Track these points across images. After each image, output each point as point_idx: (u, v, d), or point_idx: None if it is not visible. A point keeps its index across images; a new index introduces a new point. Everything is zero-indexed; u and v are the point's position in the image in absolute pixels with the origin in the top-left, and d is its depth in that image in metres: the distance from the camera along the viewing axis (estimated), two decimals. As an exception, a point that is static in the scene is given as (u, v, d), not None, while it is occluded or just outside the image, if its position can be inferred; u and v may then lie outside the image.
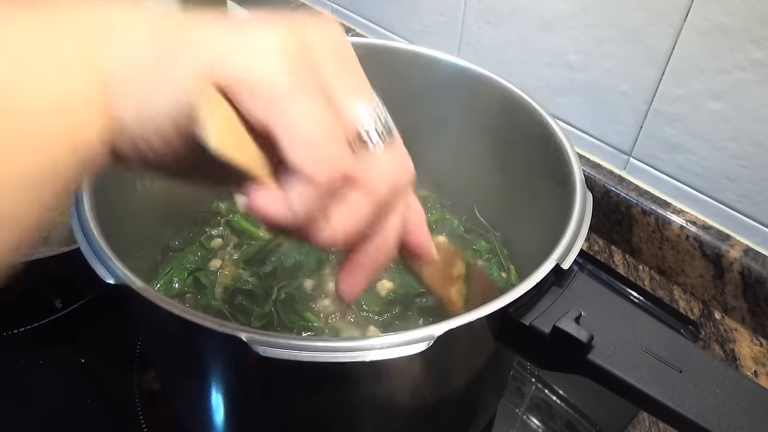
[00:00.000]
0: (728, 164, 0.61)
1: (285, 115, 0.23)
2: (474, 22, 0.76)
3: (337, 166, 0.24)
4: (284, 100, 0.23)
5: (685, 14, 0.57)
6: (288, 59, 0.23)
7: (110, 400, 0.55)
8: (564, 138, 0.46)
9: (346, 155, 0.24)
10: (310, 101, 0.23)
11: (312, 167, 0.23)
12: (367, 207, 0.26)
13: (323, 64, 0.25)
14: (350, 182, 0.25)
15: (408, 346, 0.31)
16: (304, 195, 0.24)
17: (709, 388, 0.32)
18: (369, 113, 0.26)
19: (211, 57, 0.23)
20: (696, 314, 0.64)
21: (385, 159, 0.26)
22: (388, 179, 0.26)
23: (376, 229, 0.27)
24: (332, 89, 0.25)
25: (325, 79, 0.24)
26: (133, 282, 0.34)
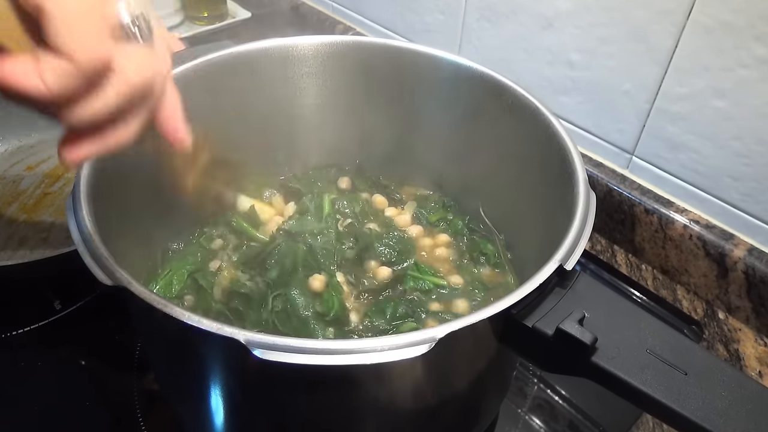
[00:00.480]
0: (732, 163, 0.60)
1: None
2: (475, 20, 0.76)
3: (97, 50, 0.26)
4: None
5: (688, 12, 0.57)
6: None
7: (109, 401, 0.55)
8: (567, 137, 0.45)
9: (107, 42, 0.27)
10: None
11: (73, 45, 0.25)
12: (115, 94, 0.28)
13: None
14: (106, 69, 0.27)
15: (409, 348, 0.31)
16: (60, 71, 0.25)
17: (715, 391, 0.31)
18: (132, 9, 0.28)
19: None
20: (699, 314, 0.64)
21: (141, 52, 0.29)
22: (140, 71, 0.29)
23: (123, 116, 0.30)
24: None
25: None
26: (131, 284, 0.33)
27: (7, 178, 0.73)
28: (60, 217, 0.68)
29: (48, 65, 0.25)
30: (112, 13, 0.27)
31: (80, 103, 0.27)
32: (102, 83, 0.27)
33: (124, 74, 0.28)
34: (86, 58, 0.25)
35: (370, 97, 0.59)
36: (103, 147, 0.31)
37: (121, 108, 0.29)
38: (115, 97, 0.28)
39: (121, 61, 0.28)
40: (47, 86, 0.25)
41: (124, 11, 0.28)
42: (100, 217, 0.38)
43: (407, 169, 0.64)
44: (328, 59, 0.57)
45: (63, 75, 0.25)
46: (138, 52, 0.29)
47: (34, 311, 0.61)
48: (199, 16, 1.03)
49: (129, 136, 0.32)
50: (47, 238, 0.65)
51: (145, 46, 0.29)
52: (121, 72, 0.28)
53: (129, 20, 0.28)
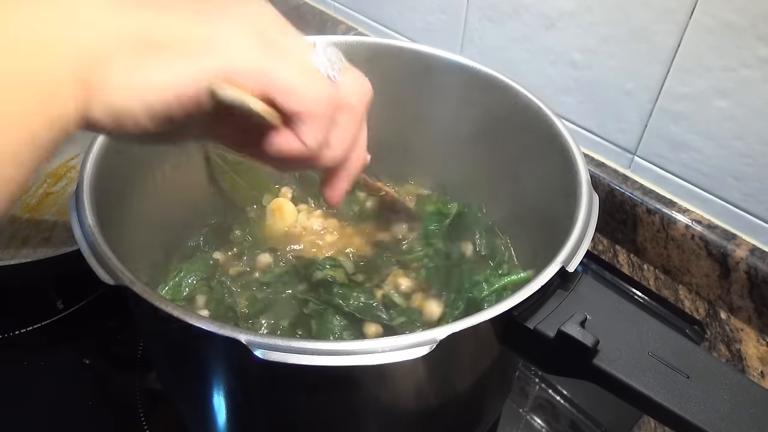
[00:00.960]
0: (734, 163, 0.60)
1: (272, 79, 0.29)
2: (477, 20, 0.76)
3: (323, 96, 0.31)
4: (267, 70, 0.29)
5: (690, 11, 0.57)
6: (257, 41, 0.30)
7: (112, 401, 0.55)
8: (570, 138, 0.45)
9: (327, 85, 0.31)
10: (284, 60, 0.30)
11: (307, 105, 0.30)
12: (353, 125, 0.33)
13: (274, 35, 0.31)
14: (337, 109, 0.32)
15: (410, 349, 0.31)
16: (310, 129, 0.30)
17: (718, 394, 0.31)
18: (322, 54, 0.32)
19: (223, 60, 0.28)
20: (702, 314, 0.64)
21: (349, 82, 0.33)
22: (359, 97, 0.33)
23: (355, 143, 0.35)
24: (288, 49, 0.31)
25: (280, 43, 0.31)
26: (134, 283, 0.33)
27: (10, 178, 0.73)
28: (62, 216, 0.68)
29: (300, 129, 0.30)
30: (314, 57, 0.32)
31: (332, 145, 0.32)
32: (339, 122, 0.32)
33: (350, 105, 0.33)
34: (320, 106, 0.30)
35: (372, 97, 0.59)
36: (351, 177, 0.36)
37: (356, 137, 0.34)
38: (354, 127, 0.33)
39: (343, 95, 0.32)
40: (308, 145, 0.31)
41: (319, 56, 0.32)
42: (102, 216, 0.38)
43: (409, 169, 0.64)
44: (330, 59, 0.57)
45: (313, 129, 0.30)
46: (348, 81, 0.33)
47: (36, 311, 0.61)
48: (201, 15, 1.03)
49: (363, 161, 0.36)
50: (50, 238, 0.65)
51: (345, 73, 0.33)
52: (347, 104, 0.32)
53: (325, 60, 0.32)
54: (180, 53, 0.28)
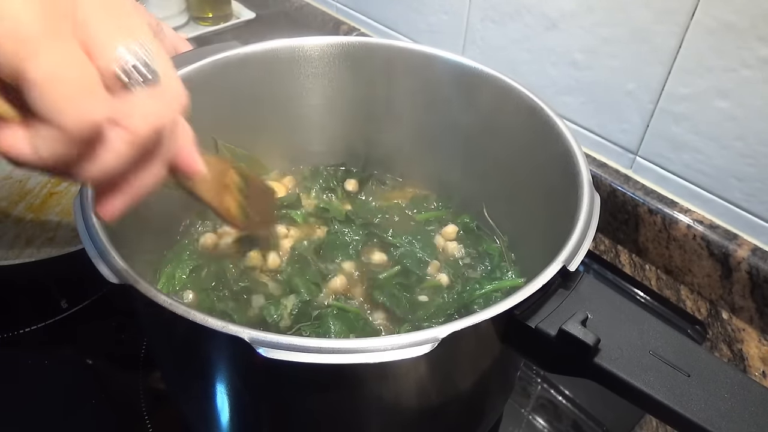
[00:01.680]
0: (736, 163, 0.60)
1: (34, 62, 0.22)
2: (479, 21, 0.76)
3: (88, 118, 0.23)
4: (32, 46, 0.22)
5: (691, 12, 0.57)
6: (41, 4, 0.22)
7: (115, 400, 0.55)
8: (572, 138, 0.45)
9: (100, 105, 0.24)
10: (63, 50, 0.23)
11: (62, 120, 0.23)
12: (127, 148, 0.26)
13: (84, 3, 0.24)
14: (110, 124, 0.25)
15: (412, 348, 0.31)
16: (51, 141, 0.23)
17: (718, 393, 0.31)
18: (130, 52, 0.25)
19: None
20: (703, 314, 0.64)
21: (144, 99, 0.26)
22: (148, 120, 0.26)
23: (140, 164, 0.28)
24: (91, 30, 0.24)
25: (85, 20, 0.24)
26: (137, 282, 0.34)
27: (14, 178, 0.74)
28: (66, 216, 0.69)
29: (38, 134, 0.23)
30: (108, 62, 0.25)
31: (88, 161, 0.25)
32: (106, 140, 0.25)
33: (131, 126, 0.26)
34: (77, 124, 0.23)
35: (374, 97, 0.59)
36: (132, 196, 0.29)
37: (136, 158, 0.27)
38: (125, 150, 0.26)
39: (126, 113, 0.25)
40: (40, 155, 0.24)
41: (125, 54, 0.25)
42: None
43: (411, 169, 0.64)
44: (333, 60, 0.57)
45: (54, 143, 0.23)
46: (142, 99, 0.26)
47: (40, 310, 0.61)
48: (203, 16, 1.03)
49: (155, 180, 0.30)
50: (54, 238, 0.66)
51: (150, 88, 0.26)
52: (126, 124, 0.26)
53: (130, 63, 0.25)
54: None
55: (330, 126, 0.62)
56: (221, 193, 0.42)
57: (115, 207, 0.29)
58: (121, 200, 0.29)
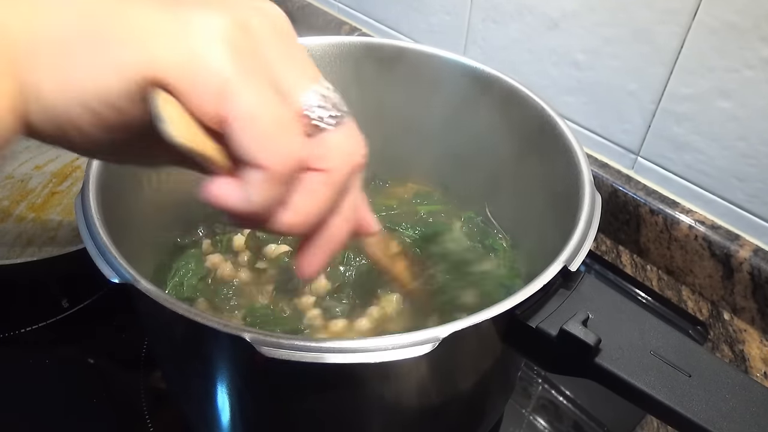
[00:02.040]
0: (738, 163, 0.60)
1: (232, 104, 0.22)
2: (480, 21, 0.76)
3: (291, 154, 0.23)
4: (231, 91, 0.22)
5: (693, 12, 0.57)
6: (230, 47, 0.22)
7: (116, 400, 0.55)
8: (573, 139, 0.45)
9: (300, 141, 0.24)
10: (258, 89, 0.23)
11: (266, 157, 0.23)
12: (326, 190, 0.26)
13: (266, 48, 0.24)
14: (307, 166, 0.25)
15: (412, 347, 0.31)
16: (260, 184, 0.23)
17: (719, 393, 0.31)
18: (318, 95, 0.25)
19: (149, 53, 0.22)
20: (705, 315, 0.64)
21: (339, 139, 0.26)
22: (344, 159, 0.26)
23: (335, 210, 0.27)
24: (278, 73, 0.24)
25: (270, 62, 0.24)
26: (138, 281, 0.34)
27: (16, 177, 0.74)
28: (68, 216, 0.69)
29: (245, 180, 0.23)
30: (299, 104, 0.25)
31: (291, 207, 0.25)
32: (306, 182, 0.25)
33: (328, 166, 0.25)
34: (280, 163, 0.23)
35: (376, 97, 0.59)
36: (330, 250, 0.28)
37: (333, 203, 0.27)
38: (325, 192, 0.26)
39: (321, 153, 0.25)
40: (250, 201, 0.23)
41: (314, 97, 0.25)
42: (108, 215, 0.39)
43: (413, 168, 0.64)
44: (335, 60, 0.57)
45: (262, 186, 0.23)
46: (336, 138, 0.26)
47: (42, 309, 0.61)
48: (205, 16, 1.03)
49: (347, 232, 0.29)
50: (55, 237, 0.66)
51: (340, 129, 0.26)
52: (324, 165, 0.25)
53: (318, 106, 0.25)
54: (120, 42, 0.21)
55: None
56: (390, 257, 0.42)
57: (315, 263, 0.28)
58: (320, 256, 0.28)
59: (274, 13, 0.25)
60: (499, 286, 0.49)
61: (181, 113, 0.22)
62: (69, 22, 0.21)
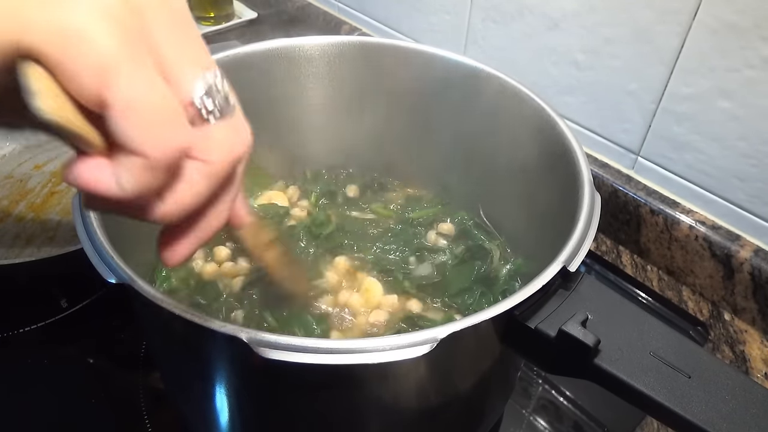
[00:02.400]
0: (738, 163, 0.60)
1: (115, 88, 0.21)
2: (480, 20, 0.76)
3: (173, 143, 0.23)
4: (114, 72, 0.21)
5: (694, 12, 0.57)
6: (116, 23, 0.21)
7: (115, 400, 0.55)
8: (572, 138, 0.45)
9: (183, 132, 0.23)
10: (143, 72, 0.22)
11: (145, 144, 0.22)
12: (204, 182, 0.25)
13: (156, 28, 0.23)
14: (186, 155, 0.24)
15: (411, 348, 0.31)
16: (135, 170, 0.22)
17: (719, 395, 0.31)
18: (206, 82, 0.25)
19: (22, 20, 0.20)
20: (705, 315, 0.63)
21: (223, 131, 0.25)
22: (227, 152, 0.25)
23: (211, 202, 0.27)
24: (166, 56, 0.23)
25: (158, 45, 0.23)
26: (135, 281, 0.33)
27: (15, 177, 0.74)
28: (67, 215, 0.69)
29: (120, 165, 0.22)
30: (187, 92, 0.24)
31: (166, 197, 0.24)
32: (185, 173, 0.24)
33: (210, 157, 0.25)
34: (161, 153, 0.22)
35: (376, 97, 0.59)
36: (199, 240, 0.28)
37: (210, 196, 0.26)
38: (203, 184, 0.25)
39: (204, 144, 0.24)
40: (123, 188, 0.22)
41: (200, 87, 0.24)
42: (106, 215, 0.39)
43: (412, 169, 0.64)
44: (334, 60, 0.57)
45: (138, 174, 0.22)
46: (220, 131, 0.25)
47: (40, 309, 0.61)
48: (205, 16, 1.03)
49: (221, 223, 0.28)
50: (54, 237, 0.66)
51: (226, 120, 0.26)
52: (205, 156, 0.25)
53: (205, 95, 0.25)
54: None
55: (331, 126, 0.62)
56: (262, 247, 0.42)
57: (182, 252, 0.28)
58: (188, 245, 0.28)
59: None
60: None
61: (54, 88, 0.21)
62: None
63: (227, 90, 0.26)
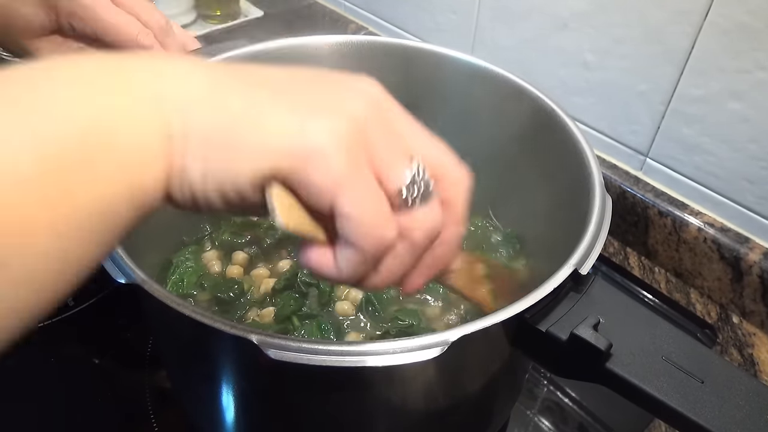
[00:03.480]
0: (748, 166, 0.59)
1: (342, 200, 0.25)
2: (488, 20, 0.75)
3: (383, 240, 0.27)
4: (343, 186, 0.25)
5: (705, 13, 0.56)
6: (346, 143, 0.25)
7: (121, 399, 0.55)
8: (583, 140, 0.45)
9: (394, 229, 0.27)
10: (365, 183, 0.26)
11: (362, 242, 0.26)
12: (410, 258, 0.29)
13: (374, 138, 0.27)
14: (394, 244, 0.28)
15: (422, 351, 0.31)
16: (351, 260, 0.27)
17: (733, 400, 0.31)
18: (411, 172, 0.28)
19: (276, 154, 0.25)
20: (713, 318, 0.63)
21: (424, 213, 0.29)
22: (428, 233, 0.29)
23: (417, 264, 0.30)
24: (380, 156, 0.27)
25: (374, 147, 0.27)
26: (145, 282, 0.33)
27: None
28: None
29: (341, 255, 0.27)
30: (396, 185, 0.27)
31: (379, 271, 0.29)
32: (394, 251, 0.28)
33: (413, 239, 0.28)
34: (374, 248, 0.27)
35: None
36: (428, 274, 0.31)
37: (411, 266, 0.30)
38: (407, 259, 0.29)
39: (408, 225, 0.28)
40: (341, 271, 0.28)
41: (407, 177, 0.28)
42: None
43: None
44: (342, 59, 0.57)
45: (355, 262, 0.27)
46: (423, 212, 0.28)
47: (47, 307, 0.61)
48: (211, 14, 1.03)
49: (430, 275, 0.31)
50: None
51: (425, 202, 0.29)
52: (409, 237, 0.28)
53: (411, 184, 0.28)
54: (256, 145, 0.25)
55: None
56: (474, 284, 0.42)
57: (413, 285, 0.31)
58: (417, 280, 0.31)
59: (376, 95, 0.29)
60: None
61: (293, 203, 0.26)
62: (217, 119, 0.25)
63: (428, 179, 0.29)
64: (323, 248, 0.28)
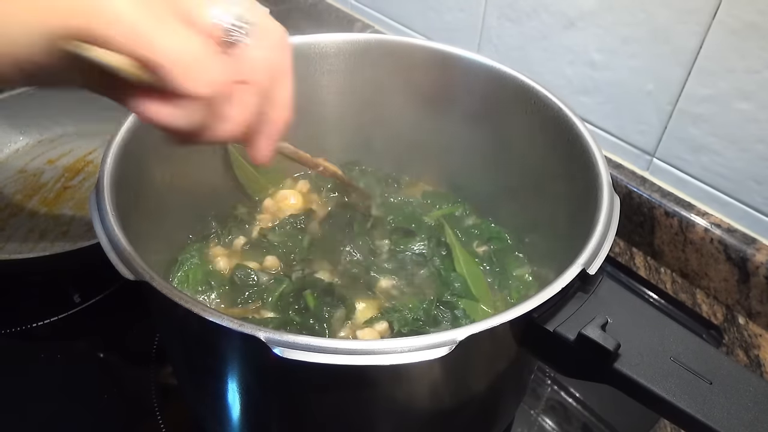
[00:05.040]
0: (756, 166, 0.59)
1: (153, 48, 0.24)
2: (495, 19, 0.75)
3: (215, 80, 0.26)
4: (147, 35, 0.24)
5: (713, 12, 0.56)
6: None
7: (127, 394, 0.55)
8: (591, 140, 0.45)
9: (220, 66, 0.26)
10: (171, 28, 0.25)
11: (188, 85, 0.25)
12: (255, 99, 0.29)
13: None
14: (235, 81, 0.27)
15: (429, 350, 0.30)
16: (187, 106, 0.26)
17: (741, 402, 0.31)
18: (225, 13, 0.27)
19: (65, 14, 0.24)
20: (719, 319, 0.63)
21: (258, 50, 0.28)
22: (267, 69, 0.29)
23: (268, 107, 0.30)
24: (183, 4, 0.26)
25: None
26: (153, 279, 0.33)
27: (28, 172, 0.74)
28: (80, 211, 0.69)
29: (178, 104, 0.26)
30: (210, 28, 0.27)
31: (226, 119, 0.28)
32: (237, 96, 0.28)
33: (254, 80, 0.28)
34: (207, 90, 0.26)
35: (390, 95, 0.59)
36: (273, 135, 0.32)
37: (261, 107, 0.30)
38: (254, 103, 0.29)
39: (246, 68, 0.28)
40: (179, 120, 0.27)
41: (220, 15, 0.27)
42: (122, 211, 0.39)
43: (425, 168, 0.64)
44: (349, 57, 0.57)
45: (192, 108, 0.26)
46: (256, 50, 0.28)
47: (53, 304, 0.61)
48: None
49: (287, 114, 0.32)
50: (67, 232, 0.66)
51: (256, 40, 0.28)
52: (246, 78, 0.28)
53: (228, 21, 0.27)
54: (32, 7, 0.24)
55: (344, 123, 0.62)
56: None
57: (264, 150, 0.32)
58: (267, 143, 0.32)
59: None
60: None
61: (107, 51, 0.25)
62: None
63: (241, 10, 0.28)
64: (161, 100, 0.26)
